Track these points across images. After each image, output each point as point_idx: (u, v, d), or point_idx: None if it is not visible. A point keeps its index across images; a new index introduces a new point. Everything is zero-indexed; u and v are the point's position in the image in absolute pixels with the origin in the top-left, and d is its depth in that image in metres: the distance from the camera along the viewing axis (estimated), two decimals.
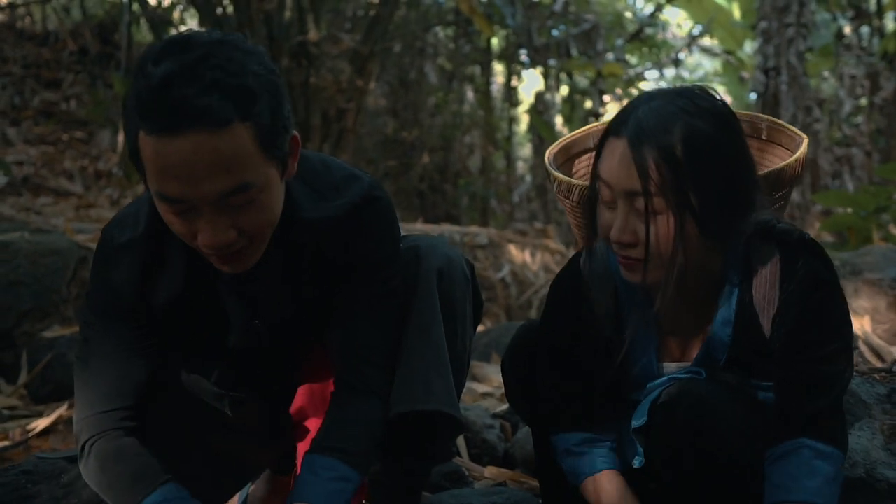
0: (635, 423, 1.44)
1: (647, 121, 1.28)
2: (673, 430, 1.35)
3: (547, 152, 1.70)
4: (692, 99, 1.31)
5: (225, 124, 1.16)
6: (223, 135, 1.16)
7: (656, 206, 1.27)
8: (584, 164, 1.76)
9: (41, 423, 2.78)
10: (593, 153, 1.56)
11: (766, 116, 1.71)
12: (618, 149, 1.30)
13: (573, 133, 1.79)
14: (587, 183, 1.44)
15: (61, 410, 2.86)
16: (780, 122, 1.68)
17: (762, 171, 1.61)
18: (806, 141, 1.57)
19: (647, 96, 1.34)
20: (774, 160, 1.66)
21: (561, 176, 1.58)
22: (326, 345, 1.51)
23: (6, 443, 2.67)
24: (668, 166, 1.26)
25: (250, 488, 1.92)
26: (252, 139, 1.19)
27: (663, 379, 1.44)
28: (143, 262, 1.36)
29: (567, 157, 1.75)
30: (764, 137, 1.69)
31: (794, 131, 1.64)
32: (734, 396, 1.38)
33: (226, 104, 1.15)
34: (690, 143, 1.27)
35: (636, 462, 1.47)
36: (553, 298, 1.55)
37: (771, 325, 1.37)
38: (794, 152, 1.59)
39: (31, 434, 2.74)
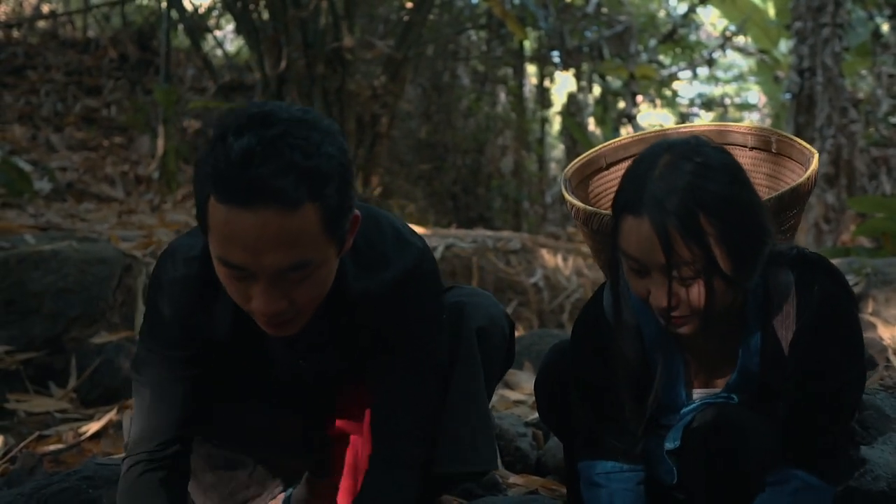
0: (669, 446, 1.48)
1: (663, 197, 1.29)
2: (705, 453, 1.41)
3: (563, 176, 1.73)
4: (697, 160, 1.31)
5: (296, 205, 1.18)
6: (293, 215, 1.18)
7: (689, 275, 1.30)
8: (599, 184, 1.79)
9: (92, 427, 2.90)
10: (606, 171, 1.63)
11: (774, 130, 1.73)
12: (639, 228, 1.30)
13: (584, 155, 1.80)
14: (606, 212, 1.49)
15: (111, 415, 2.98)
16: (789, 136, 1.68)
17: (778, 186, 1.65)
18: (816, 157, 1.56)
19: (649, 163, 1.33)
20: (786, 174, 1.68)
21: (579, 203, 1.60)
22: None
23: (60, 445, 2.79)
24: (695, 240, 1.28)
25: (293, 491, 2.00)
26: (318, 219, 1.21)
27: (695, 404, 1.49)
28: (193, 302, 1.40)
29: (581, 179, 1.77)
30: (774, 150, 1.69)
31: (803, 146, 1.63)
32: (764, 421, 1.42)
33: (300, 186, 1.17)
34: (710, 210, 1.28)
35: (669, 478, 1.51)
36: (579, 336, 1.58)
37: (789, 349, 1.41)
38: (804, 166, 1.58)
39: (82, 437, 2.85)
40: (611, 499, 1.52)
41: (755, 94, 16.95)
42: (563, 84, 13.75)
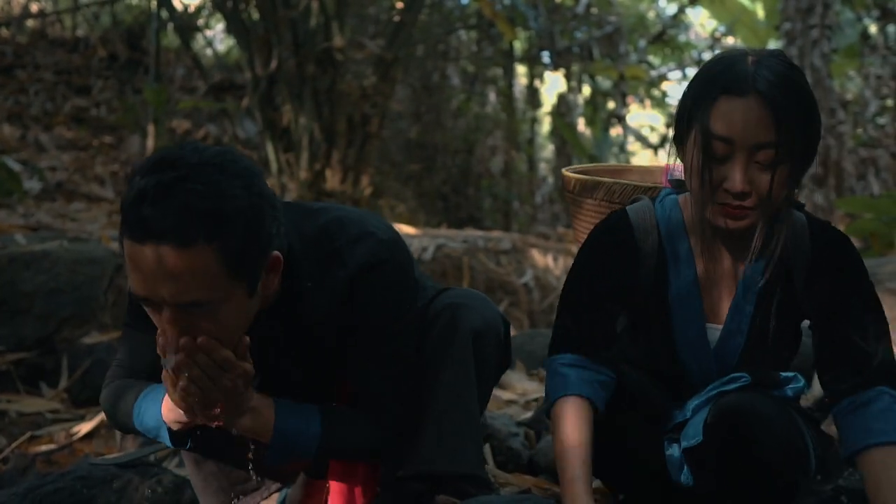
0: (687, 444, 1.48)
1: (771, 78, 1.38)
2: (730, 447, 1.41)
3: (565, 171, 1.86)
4: (787, 61, 1.43)
5: (186, 245, 1.23)
6: (184, 253, 1.23)
7: (782, 158, 1.39)
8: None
9: (84, 427, 2.90)
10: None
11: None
12: (744, 106, 1.38)
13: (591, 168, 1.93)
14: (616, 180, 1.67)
15: (103, 415, 2.98)
16: None
17: None
18: None
19: (732, 59, 1.43)
20: None
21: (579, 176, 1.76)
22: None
23: (52, 446, 2.79)
24: (799, 122, 1.39)
25: (288, 491, 2.01)
26: (216, 260, 1.25)
27: (700, 400, 1.51)
28: None
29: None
30: None
31: None
32: (783, 409, 1.45)
33: (191, 227, 1.22)
34: (808, 100, 1.41)
35: (684, 479, 1.51)
36: (598, 232, 1.61)
37: (806, 276, 1.49)
38: None
39: (74, 437, 2.85)
40: (566, 384, 1.51)
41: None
42: (552, 84, 13.80)
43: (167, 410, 1.45)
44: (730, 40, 13.12)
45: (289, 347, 1.53)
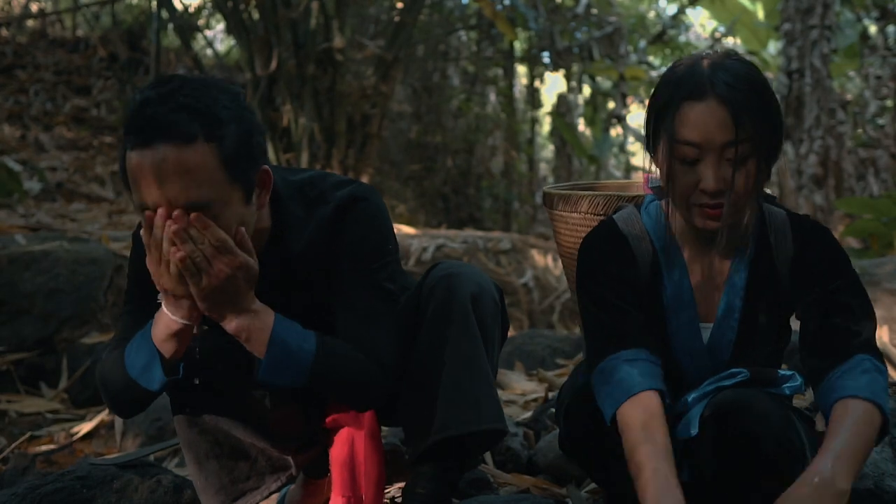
0: (683, 435, 1.48)
1: (727, 79, 1.43)
2: (727, 440, 1.42)
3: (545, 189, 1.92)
4: (736, 59, 1.48)
5: (190, 140, 1.33)
6: (188, 149, 1.33)
7: (747, 153, 1.43)
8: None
9: (84, 428, 2.91)
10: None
11: None
12: (704, 110, 1.43)
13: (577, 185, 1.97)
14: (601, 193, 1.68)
15: (103, 415, 2.98)
16: None
17: None
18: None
19: (691, 63, 1.48)
20: None
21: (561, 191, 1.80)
22: None
23: (52, 446, 2.80)
24: (758, 116, 1.43)
25: (288, 490, 2.01)
26: (215, 159, 1.35)
27: (698, 394, 1.52)
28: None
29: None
30: None
31: None
32: (780, 405, 1.46)
33: (191, 123, 1.33)
34: (765, 94, 1.45)
35: (684, 475, 1.50)
36: (591, 242, 1.62)
37: (792, 267, 1.53)
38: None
39: (74, 438, 2.86)
40: (632, 382, 1.45)
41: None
42: (552, 85, 13.81)
43: (159, 325, 1.44)
44: (730, 41, 13.13)
45: (281, 288, 1.56)
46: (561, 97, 11.66)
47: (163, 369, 1.48)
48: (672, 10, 13.99)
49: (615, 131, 12.50)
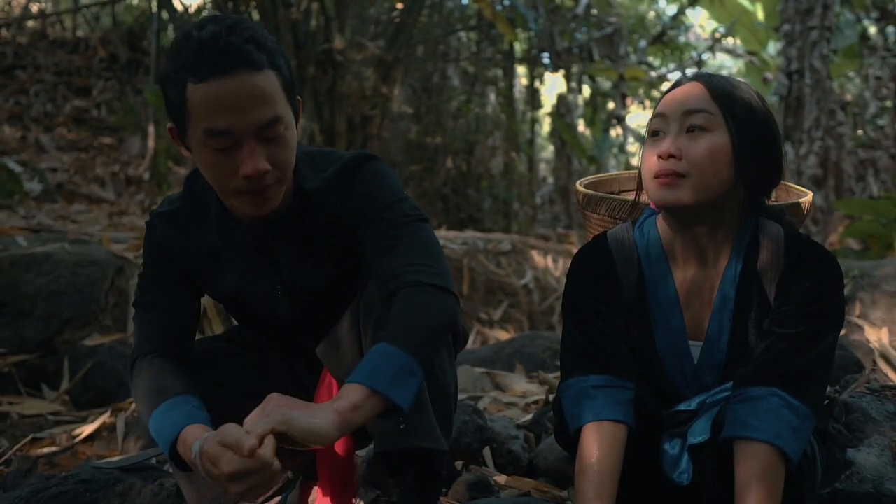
0: (694, 440, 1.50)
1: (708, 75, 1.56)
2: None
3: (578, 183, 1.91)
4: (749, 86, 1.56)
5: (261, 67, 1.45)
6: (260, 75, 1.45)
7: (710, 123, 1.49)
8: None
9: (86, 430, 2.91)
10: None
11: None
12: (679, 87, 1.55)
13: (603, 175, 1.99)
14: (618, 196, 1.72)
15: (104, 417, 2.99)
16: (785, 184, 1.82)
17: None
18: (810, 195, 1.75)
19: (682, 77, 1.59)
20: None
21: (586, 191, 1.83)
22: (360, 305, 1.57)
23: (53, 448, 2.80)
24: (728, 101, 1.51)
25: (288, 496, 2.02)
26: (279, 83, 1.48)
27: (707, 398, 1.52)
28: (180, 220, 1.63)
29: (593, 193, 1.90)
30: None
31: (799, 190, 1.81)
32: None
33: (260, 53, 1.45)
34: (750, 106, 1.52)
35: (684, 478, 1.51)
36: (580, 258, 1.65)
37: (776, 289, 1.51)
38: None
39: (76, 440, 2.86)
40: (598, 410, 1.50)
41: None
42: (552, 85, 13.83)
43: (185, 448, 1.40)
44: (729, 41, 13.14)
45: (306, 250, 1.63)
46: (561, 98, 11.66)
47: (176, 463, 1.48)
48: (672, 10, 14.00)
49: (615, 132, 12.50)
